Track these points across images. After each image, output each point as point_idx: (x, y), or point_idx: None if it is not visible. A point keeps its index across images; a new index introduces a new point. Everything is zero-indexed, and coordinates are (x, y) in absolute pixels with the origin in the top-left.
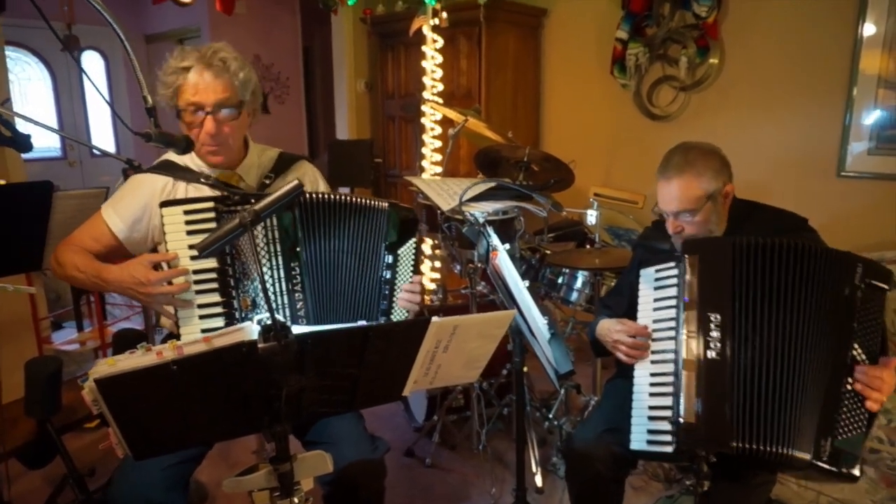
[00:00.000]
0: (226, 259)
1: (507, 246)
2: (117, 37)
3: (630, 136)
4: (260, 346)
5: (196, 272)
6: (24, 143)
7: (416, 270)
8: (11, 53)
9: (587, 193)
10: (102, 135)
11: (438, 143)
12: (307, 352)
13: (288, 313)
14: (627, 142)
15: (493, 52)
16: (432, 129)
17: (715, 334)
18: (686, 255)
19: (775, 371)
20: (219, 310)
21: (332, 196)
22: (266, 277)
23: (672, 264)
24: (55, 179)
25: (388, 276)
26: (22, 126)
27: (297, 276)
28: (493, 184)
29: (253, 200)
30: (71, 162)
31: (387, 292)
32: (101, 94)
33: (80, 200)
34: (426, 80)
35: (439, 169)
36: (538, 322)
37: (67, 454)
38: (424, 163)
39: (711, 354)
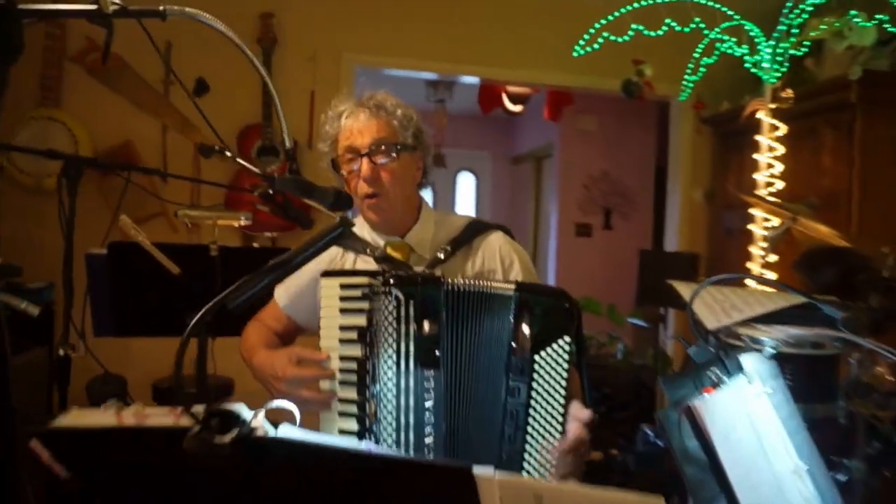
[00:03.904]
0: (366, 349)
1: (774, 386)
2: (486, 158)
3: None
4: (186, 438)
5: (342, 359)
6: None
7: (574, 395)
8: None
9: None
10: None
11: (775, 258)
12: (266, 472)
13: (412, 437)
14: None
15: (871, 143)
16: (763, 236)
17: None
18: None
19: None
20: (354, 409)
21: (474, 283)
22: (391, 385)
23: None
24: None
25: (517, 396)
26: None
27: (431, 390)
28: (800, 299)
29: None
30: None
31: (511, 422)
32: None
33: None
34: (759, 176)
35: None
36: None
37: None
38: (750, 280)
39: None
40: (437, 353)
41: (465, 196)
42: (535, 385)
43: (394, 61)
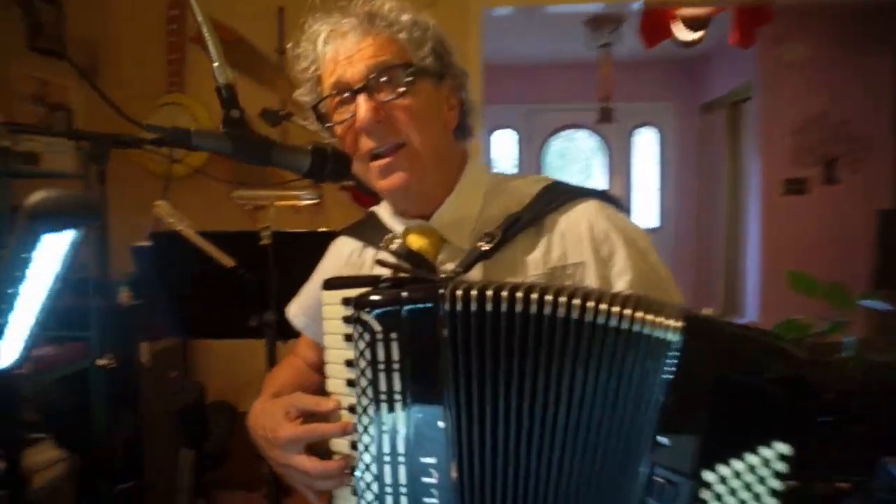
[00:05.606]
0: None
1: None
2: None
3: None
4: None
5: (351, 409)
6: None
7: None
8: (575, 134)
9: None
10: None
11: None
12: None
13: None
14: None
15: None
16: None
17: None
18: None
19: None
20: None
21: (541, 297)
22: (372, 471)
23: None
24: None
25: None
26: None
27: (433, 490)
28: None
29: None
30: None
31: None
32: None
33: None
34: None
35: None
36: None
37: None
38: None
39: None
40: (441, 425)
41: (644, 156)
42: None
43: None
